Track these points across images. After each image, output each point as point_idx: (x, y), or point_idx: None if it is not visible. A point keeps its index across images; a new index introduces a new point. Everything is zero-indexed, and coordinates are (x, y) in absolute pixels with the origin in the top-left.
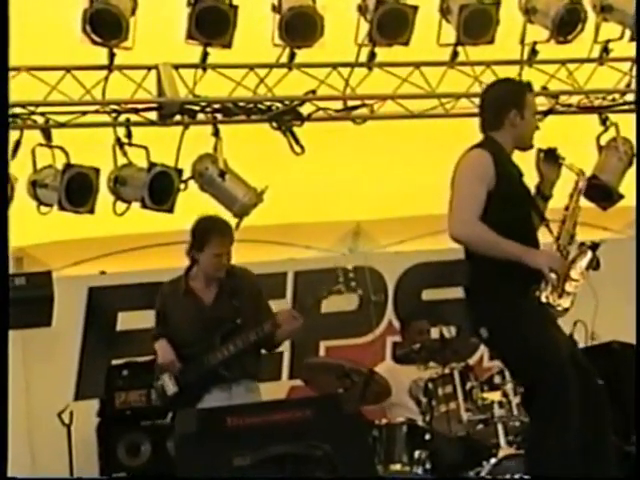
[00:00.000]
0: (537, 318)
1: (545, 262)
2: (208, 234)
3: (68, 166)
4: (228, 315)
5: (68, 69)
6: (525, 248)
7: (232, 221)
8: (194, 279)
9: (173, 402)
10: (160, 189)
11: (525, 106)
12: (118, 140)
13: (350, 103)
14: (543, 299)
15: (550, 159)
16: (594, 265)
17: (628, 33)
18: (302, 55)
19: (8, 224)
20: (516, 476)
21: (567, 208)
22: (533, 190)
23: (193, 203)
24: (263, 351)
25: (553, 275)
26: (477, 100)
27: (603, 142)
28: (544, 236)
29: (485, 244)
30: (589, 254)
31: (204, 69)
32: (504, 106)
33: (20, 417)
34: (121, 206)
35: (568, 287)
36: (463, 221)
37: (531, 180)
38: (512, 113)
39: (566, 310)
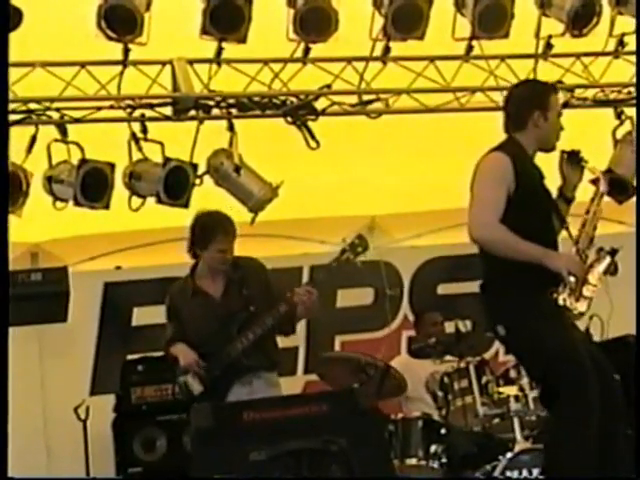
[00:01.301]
0: (554, 316)
1: (564, 265)
2: (212, 231)
3: (83, 161)
4: (240, 306)
5: (83, 64)
6: (545, 250)
7: (247, 216)
8: (200, 277)
9: (200, 401)
10: (175, 184)
11: (549, 107)
12: (133, 135)
13: (365, 97)
14: (560, 302)
15: (573, 161)
16: (612, 270)
17: None
18: (317, 50)
19: (8, 225)
20: (534, 471)
21: (587, 212)
22: (555, 192)
23: (208, 198)
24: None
25: (572, 279)
26: (492, 94)
27: (619, 136)
28: (563, 239)
29: (506, 247)
30: (607, 259)
31: (219, 64)
32: (528, 107)
33: (36, 412)
34: (136, 201)
35: (585, 291)
36: (484, 224)
37: (553, 183)
38: (536, 114)
39: (582, 314)
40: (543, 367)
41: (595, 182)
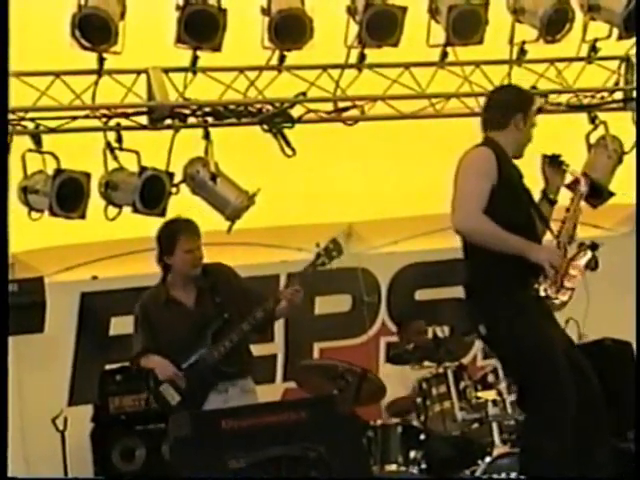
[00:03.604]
0: (534, 317)
1: (546, 257)
2: (175, 234)
3: (59, 171)
4: (213, 313)
5: (57, 74)
6: (527, 242)
7: (224, 224)
8: (172, 287)
9: (178, 411)
10: (151, 193)
11: (530, 114)
12: (109, 145)
13: (340, 104)
14: (542, 292)
15: (554, 165)
16: (593, 265)
17: (616, 32)
18: (292, 57)
19: (8, 228)
20: (512, 475)
21: (568, 210)
22: (539, 194)
23: (185, 207)
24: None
25: (552, 271)
26: (467, 100)
27: (592, 140)
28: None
29: (489, 237)
30: (588, 253)
31: (194, 72)
32: (512, 108)
33: (14, 423)
34: (112, 211)
35: (567, 283)
36: (467, 213)
37: (533, 184)
38: (519, 116)
39: (564, 304)
40: (520, 365)
41: (575, 184)
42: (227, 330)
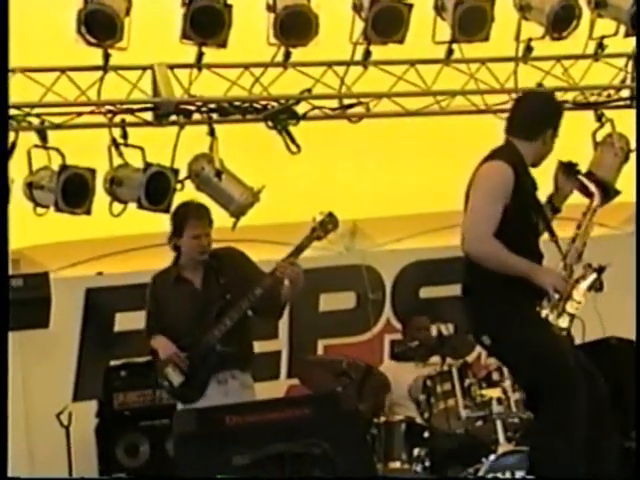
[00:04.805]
0: (539, 322)
1: (550, 282)
2: (184, 218)
3: (64, 167)
4: (217, 294)
5: (63, 70)
6: (532, 265)
7: (229, 221)
8: (182, 267)
9: (182, 393)
10: (156, 189)
11: (558, 129)
12: (114, 141)
13: (346, 101)
14: (542, 316)
15: (569, 172)
16: (597, 286)
17: (623, 29)
18: (297, 54)
19: (8, 225)
20: (517, 473)
21: (579, 226)
22: (544, 199)
23: None
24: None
25: (556, 295)
26: (473, 97)
27: (599, 138)
28: (551, 252)
29: (496, 262)
30: (593, 275)
31: (199, 69)
32: (544, 123)
33: (18, 419)
34: (117, 207)
35: (569, 308)
36: (479, 239)
37: (543, 190)
38: (549, 132)
39: (563, 330)
40: (530, 373)
41: (588, 195)
42: (228, 310)
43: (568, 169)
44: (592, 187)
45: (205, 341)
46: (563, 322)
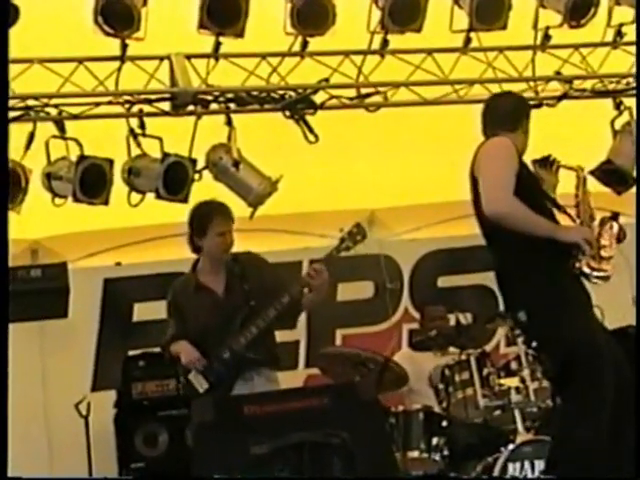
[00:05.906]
0: (576, 302)
1: (577, 235)
2: (209, 216)
3: (82, 158)
4: (241, 301)
5: (81, 60)
6: (556, 225)
7: (247, 211)
8: (202, 273)
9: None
10: (174, 179)
11: (529, 120)
12: (132, 131)
13: (363, 91)
14: (585, 269)
15: (546, 166)
16: (622, 236)
17: None
18: (314, 43)
19: (8, 223)
20: (533, 466)
21: (577, 195)
22: None
23: (207, 193)
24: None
25: (588, 246)
26: (491, 86)
27: (617, 126)
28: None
29: (522, 220)
30: (614, 225)
31: (216, 59)
32: (521, 113)
33: (37, 409)
34: (135, 197)
35: (603, 252)
36: (499, 198)
37: None
38: (525, 122)
39: (608, 277)
40: (562, 354)
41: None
42: (254, 317)
43: (544, 162)
44: (573, 166)
45: (230, 348)
46: (607, 265)
